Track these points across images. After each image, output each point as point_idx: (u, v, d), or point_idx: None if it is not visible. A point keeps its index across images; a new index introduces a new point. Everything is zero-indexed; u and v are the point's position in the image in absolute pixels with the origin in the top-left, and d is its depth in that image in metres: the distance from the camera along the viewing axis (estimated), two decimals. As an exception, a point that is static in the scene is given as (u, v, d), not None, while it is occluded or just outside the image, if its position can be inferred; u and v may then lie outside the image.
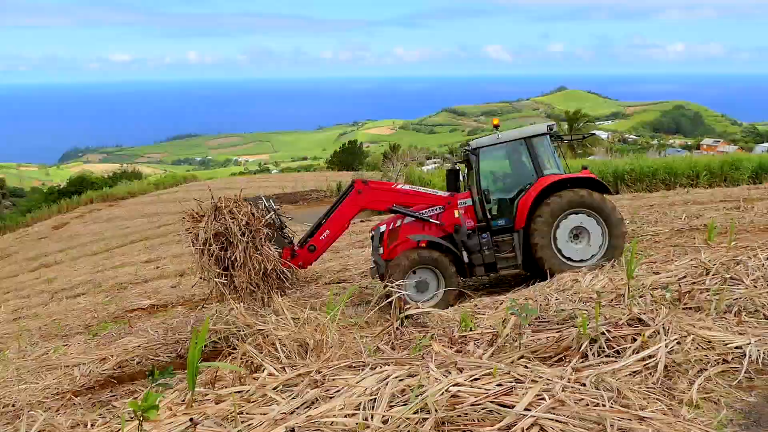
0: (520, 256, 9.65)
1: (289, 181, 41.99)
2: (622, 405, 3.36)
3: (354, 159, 55.39)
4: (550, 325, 5.15)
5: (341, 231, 10.28)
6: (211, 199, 9.19)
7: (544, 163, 9.86)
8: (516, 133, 10.20)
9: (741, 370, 4.10)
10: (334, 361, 4.19)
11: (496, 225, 9.84)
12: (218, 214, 9.10)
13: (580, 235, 9.51)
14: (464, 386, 3.46)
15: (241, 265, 8.84)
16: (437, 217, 9.89)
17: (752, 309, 5.31)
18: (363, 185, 10.13)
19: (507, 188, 10.27)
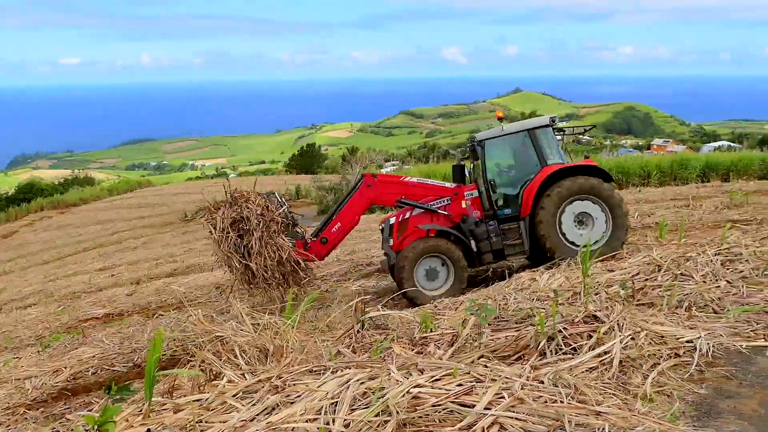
0: (527, 242, 9.97)
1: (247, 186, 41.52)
2: (579, 401, 3.43)
3: (313, 162, 55.15)
4: (509, 324, 5.21)
5: (352, 224, 10.52)
6: (226, 193, 9.72)
7: (547, 153, 10.15)
8: (520, 125, 10.52)
9: (692, 364, 4.22)
10: (295, 366, 4.17)
11: (502, 214, 10.14)
12: (234, 204, 9.59)
13: (584, 221, 9.84)
14: (425, 387, 3.47)
15: (257, 253, 9.23)
16: (445, 208, 10.16)
17: (702, 304, 5.48)
18: (372, 179, 10.42)
19: (512, 178, 10.57)
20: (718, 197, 16.05)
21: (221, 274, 13.80)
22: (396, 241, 10.12)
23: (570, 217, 9.73)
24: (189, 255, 18.75)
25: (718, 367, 4.23)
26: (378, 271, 11.65)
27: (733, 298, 5.65)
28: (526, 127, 10.28)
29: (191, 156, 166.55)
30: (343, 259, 14.15)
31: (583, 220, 9.81)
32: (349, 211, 10.38)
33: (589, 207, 9.74)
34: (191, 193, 39.18)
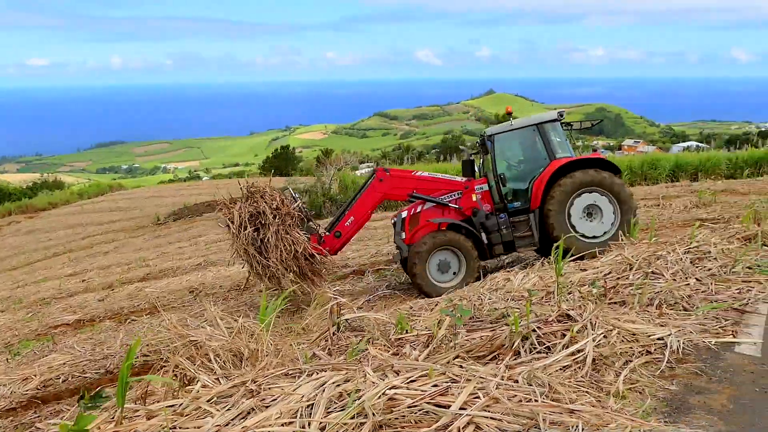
0: (536, 234, 10.22)
1: (221, 188, 41.04)
2: (553, 399, 3.46)
3: (287, 164, 54.88)
4: (484, 324, 5.24)
5: (365, 218, 10.69)
6: (242, 189, 9.96)
7: (555, 147, 10.36)
8: (529, 120, 10.69)
9: (663, 361, 4.29)
10: (270, 370, 4.14)
11: (512, 207, 10.37)
12: (251, 198, 9.80)
13: (593, 213, 10.05)
14: (401, 389, 3.48)
15: (274, 246, 9.41)
16: (456, 202, 10.39)
17: (672, 301, 5.58)
18: (384, 173, 10.60)
19: (522, 172, 10.77)
20: (687, 196, 16.36)
21: (194, 278, 13.69)
22: (408, 235, 10.31)
23: (579, 209, 9.95)
24: (162, 259, 18.52)
25: (688, 363, 4.31)
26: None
27: (702, 296, 5.76)
28: (534, 121, 10.49)
29: (163, 159, 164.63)
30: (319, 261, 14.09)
31: (591, 213, 10.03)
32: (362, 205, 10.56)
33: (598, 199, 9.96)
34: (164, 197, 38.76)
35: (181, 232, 25.66)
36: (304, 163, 57.56)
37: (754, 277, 6.27)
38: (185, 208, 32.21)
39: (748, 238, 7.52)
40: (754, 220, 8.25)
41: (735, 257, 6.67)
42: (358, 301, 9.92)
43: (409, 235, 10.28)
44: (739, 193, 16.31)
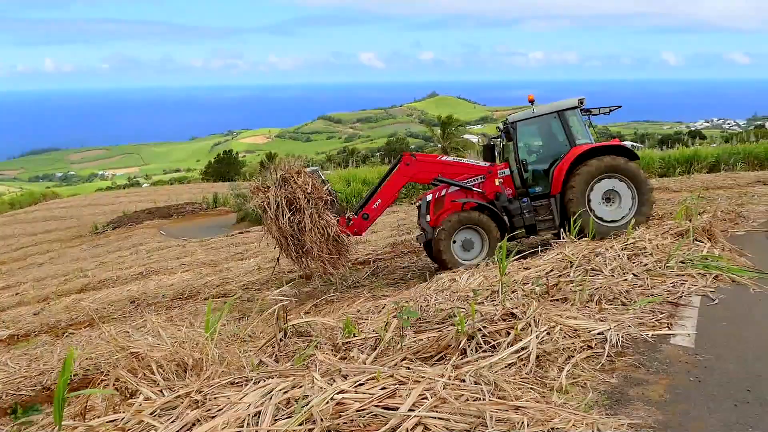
0: (557, 218, 10.52)
1: (161, 195, 40.27)
2: (499, 397, 3.52)
3: (230, 169, 54.05)
4: (431, 325, 5.29)
5: (391, 200, 11.20)
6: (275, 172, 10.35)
7: (576, 133, 10.70)
8: (550, 107, 10.94)
9: (603, 355, 4.42)
10: (216, 379, 4.06)
11: (533, 192, 10.71)
12: (284, 183, 10.08)
13: (612, 198, 10.39)
14: (349, 393, 3.47)
15: (309, 230, 9.79)
16: (479, 186, 10.72)
17: (611, 297, 5.76)
18: (411, 158, 10.92)
19: (543, 158, 11.07)
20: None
21: (136, 288, 13.32)
22: (433, 217, 10.63)
23: (598, 194, 10.30)
24: (101, 269, 17.94)
25: (627, 356, 4.45)
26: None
27: (639, 290, 5.97)
28: (556, 109, 10.80)
29: (101, 166, 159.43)
30: (264, 267, 13.94)
31: (610, 198, 10.40)
32: (389, 188, 10.91)
33: (616, 185, 10.33)
34: (102, 205, 37.60)
35: (121, 240, 24.94)
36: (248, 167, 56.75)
37: (687, 271, 6.54)
38: (125, 216, 31.33)
39: (680, 233, 7.82)
40: (686, 216, 8.59)
41: (669, 252, 6.94)
42: (305, 306, 9.85)
43: (434, 218, 10.62)
44: (671, 190, 16.95)
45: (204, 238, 22.67)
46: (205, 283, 13.37)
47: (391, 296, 8.75)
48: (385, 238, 16.35)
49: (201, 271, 15.15)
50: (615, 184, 10.33)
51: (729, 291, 6.20)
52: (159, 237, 25.18)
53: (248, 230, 24.35)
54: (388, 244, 14.85)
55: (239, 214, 29.81)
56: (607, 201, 10.40)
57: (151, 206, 34.06)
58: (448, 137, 44.52)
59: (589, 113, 11.38)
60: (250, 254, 16.69)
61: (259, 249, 17.70)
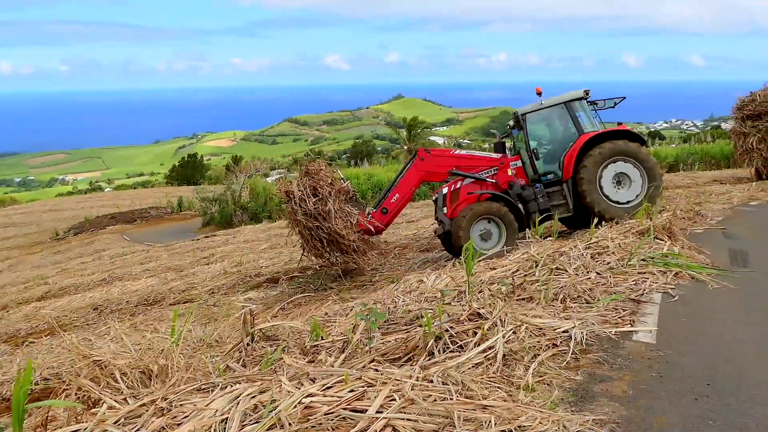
0: (570, 202, 10.92)
1: (124, 199, 39.62)
2: (467, 396, 3.55)
3: (195, 173, 53.38)
4: (399, 326, 5.30)
5: (409, 195, 11.56)
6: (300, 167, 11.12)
7: (583, 122, 11.16)
8: (557, 99, 11.42)
9: (568, 352, 4.49)
10: (182, 386, 4.01)
11: (545, 179, 11.14)
12: (308, 175, 10.62)
13: (622, 181, 10.79)
14: (317, 396, 3.46)
15: (333, 219, 10.25)
16: (492, 177, 11.13)
17: (575, 295, 5.85)
18: (426, 153, 11.46)
19: (553, 146, 11.53)
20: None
21: (99, 295, 13.06)
22: (450, 209, 10.94)
23: (609, 177, 10.69)
24: (62, 276, 17.56)
25: (591, 353, 4.53)
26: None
27: (602, 288, 6.08)
28: (563, 100, 11.28)
29: (61, 170, 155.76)
30: (231, 271, 13.81)
31: (621, 180, 10.79)
32: (406, 183, 11.30)
33: (626, 168, 10.74)
34: (63, 210, 36.79)
35: (83, 246, 24.44)
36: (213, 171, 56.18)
37: (648, 268, 6.68)
38: (87, 222, 30.74)
39: (641, 232, 7.98)
40: (647, 215, 8.77)
41: (630, 251, 7.08)
42: (273, 310, 9.79)
43: (451, 209, 10.92)
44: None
45: (169, 243, 22.37)
46: (171, 288, 13.20)
47: (359, 298, 8.75)
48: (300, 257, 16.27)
49: (166, 276, 14.94)
50: (624, 167, 10.78)
51: (688, 288, 6.36)
52: (122, 242, 24.76)
53: (214, 234, 24.11)
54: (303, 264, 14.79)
55: (205, 218, 29.49)
56: (618, 184, 10.82)
57: (114, 211, 33.47)
58: (414, 139, 44.71)
59: (594, 105, 11.83)
60: (216, 258, 16.51)
61: (225, 253, 17.54)
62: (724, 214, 11.24)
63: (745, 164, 18.10)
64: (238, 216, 27.85)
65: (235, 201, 28.62)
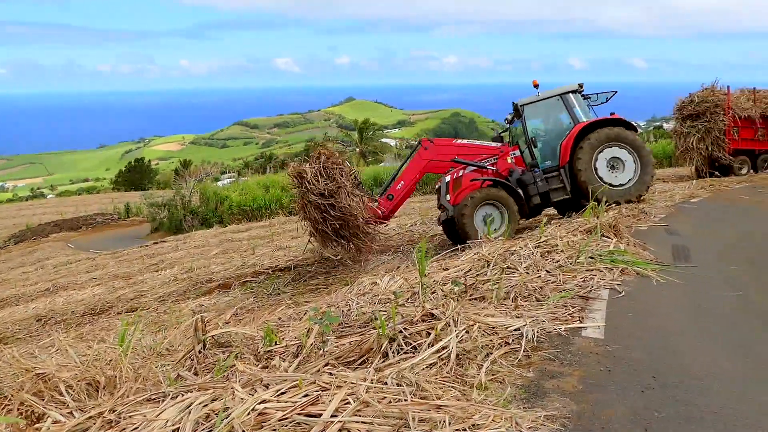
0: (568, 185, 11.53)
1: (69, 206, 38.47)
2: (421, 397, 3.56)
3: (142, 178, 52.25)
4: (353, 329, 5.29)
5: (414, 182, 12.06)
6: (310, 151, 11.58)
7: (578, 113, 11.80)
8: (553, 91, 12.13)
9: (520, 350, 4.56)
10: (131, 397, 3.91)
11: (543, 166, 11.75)
12: (319, 159, 10.84)
13: (616, 166, 11.49)
14: (271, 402, 3.42)
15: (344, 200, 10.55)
16: (493, 165, 11.67)
17: (526, 293, 5.95)
18: (429, 143, 12.05)
19: (550, 135, 12.21)
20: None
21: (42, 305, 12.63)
22: (453, 196, 11.41)
23: (603, 162, 11.37)
24: (3, 287, 16.93)
25: (542, 350, 4.61)
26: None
27: (552, 286, 6.20)
28: (558, 92, 11.94)
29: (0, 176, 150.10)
30: (181, 277, 13.55)
31: (615, 165, 11.48)
32: (410, 171, 11.83)
33: (619, 152, 11.45)
34: (2, 218, 35.45)
35: (25, 255, 23.60)
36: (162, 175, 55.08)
37: (596, 265, 6.86)
38: (28, 230, 29.72)
39: (589, 230, 8.18)
40: (594, 214, 8.99)
41: (579, 249, 7.24)
42: (225, 316, 9.63)
43: (454, 196, 11.38)
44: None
45: (116, 250, 21.82)
46: (119, 296, 12.87)
47: (312, 302, 8.70)
48: (306, 243, 16.24)
49: (113, 284, 14.56)
50: (618, 152, 11.46)
51: (634, 283, 6.54)
52: (67, 250, 24.03)
53: (163, 240, 23.64)
54: (308, 249, 14.76)
55: (153, 224, 28.89)
56: (612, 168, 11.48)
57: (58, 218, 32.47)
58: (365, 141, 44.81)
59: (588, 99, 12.39)
60: (166, 265, 16.19)
61: (175, 259, 17.21)
62: (666, 211, 11.60)
63: (687, 163, 18.80)
64: (188, 221, 27.39)
65: (184, 206, 28.14)
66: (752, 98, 19.17)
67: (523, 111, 11.86)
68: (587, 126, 11.48)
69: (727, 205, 13.27)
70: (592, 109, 12.23)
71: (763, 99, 19.25)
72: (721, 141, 18.46)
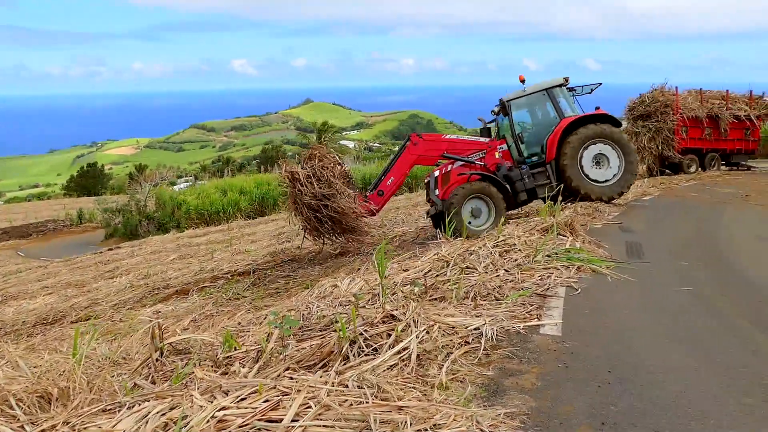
0: (554, 181, 11.75)
1: (17, 213, 37.34)
2: (382, 399, 3.57)
3: (95, 183, 51.03)
4: (314, 332, 5.26)
5: (403, 178, 12.34)
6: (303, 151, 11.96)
7: (564, 107, 12.01)
8: (539, 86, 12.32)
9: (480, 349, 4.60)
10: (85, 408, 3.81)
11: (530, 162, 11.96)
12: (313, 159, 11.15)
13: (600, 162, 11.72)
14: (230, 409, 3.38)
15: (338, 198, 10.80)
16: (481, 160, 11.87)
17: (485, 293, 6.01)
18: (418, 138, 12.18)
19: (536, 130, 12.39)
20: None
21: None
22: (441, 190, 11.66)
23: (589, 158, 11.59)
24: (-52, 297, 16.25)
25: (502, 349, 4.67)
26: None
27: (510, 285, 6.29)
28: (544, 87, 12.11)
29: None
30: (137, 284, 13.27)
31: (599, 161, 11.72)
32: (400, 167, 12.01)
33: (604, 149, 11.67)
34: (-53, 226, 34.10)
35: (-28, 265, 22.73)
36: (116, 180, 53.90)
37: (553, 264, 6.98)
38: (-25, 238, 28.68)
39: (545, 229, 8.33)
40: (550, 213, 9.15)
41: (536, 247, 7.37)
42: (183, 322, 9.48)
43: (443, 191, 11.62)
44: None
45: (69, 257, 21.26)
46: (72, 305, 12.53)
47: (272, 306, 8.62)
48: (265, 247, 16.12)
49: (66, 292, 14.17)
50: (603, 148, 11.70)
51: (590, 280, 6.69)
52: (17, 258, 23.31)
53: (118, 246, 23.13)
54: (268, 253, 14.64)
55: (108, 230, 28.27)
56: (597, 164, 11.73)
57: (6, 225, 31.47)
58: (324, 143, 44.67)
59: (573, 92, 12.61)
60: (122, 272, 15.84)
61: (131, 265, 16.85)
62: (619, 209, 11.87)
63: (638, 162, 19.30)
64: (143, 226, 26.87)
65: (140, 211, 27.61)
66: (699, 99, 19.82)
67: (509, 107, 12.03)
68: (573, 122, 11.72)
69: (678, 202, 13.67)
70: (577, 102, 12.53)
71: (709, 99, 19.93)
72: (670, 140, 19.04)
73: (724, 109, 19.61)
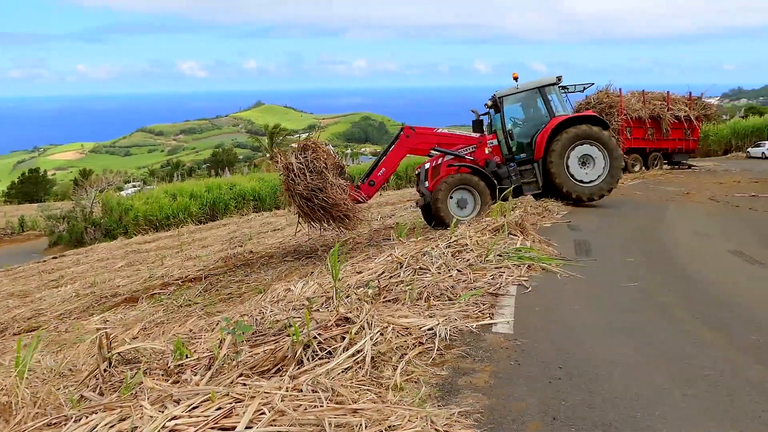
0: (540, 180, 12.14)
1: (-45, 222, 35.68)
2: (337, 402, 3.55)
3: (38, 189, 49.37)
4: (267, 337, 5.20)
5: (394, 169, 12.59)
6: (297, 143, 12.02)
7: (555, 106, 12.25)
8: (531, 84, 12.62)
9: (433, 349, 4.64)
10: (29, 423, 3.68)
11: (518, 158, 12.31)
12: (305, 151, 11.38)
13: (586, 162, 11.98)
14: (182, 418, 3.31)
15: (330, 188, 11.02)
16: (471, 155, 12.17)
17: (438, 293, 6.06)
18: (411, 131, 12.36)
19: (527, 128, 12.97)
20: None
21: None
22: (431, 183, 11.96)
23: (575, 158, 11.86)
24: None
25: (455, 348, 4.71)
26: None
27: (463, 285, 6.35)
28: (536, 85, 12.33)
29: None
30: (83, 293, 12.89)
31: (585, 162, 11.98)
32: (392, 158, 12.24)
33: (590, 150, 11.91)
34: None
35: None
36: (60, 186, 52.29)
37: (504, 263, 7.09)
38: None
39: (497, 229, 8.45)
40: (501, 213, 9.29)
41: (488, 247, 7.47)
42: (133, 331, 9.25)
43: (432, 183, 11.93)
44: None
45: (10, 267, 20.46)
46: (14, 316, 12.08)
47: (225, 312, 8.50)
48: (217, 252, 15.88)
49: (8, 303, 13.65)
50: (589, 149, 11.98)
51: (540, 278, 6.82)
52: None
53: (63, 254, 22.43)
54: (220, 258, 14.42)
55: (52, 237, 27.42)
56: (583, 164, 12.02)
57: (-57, 235, 30.13)
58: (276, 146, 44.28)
59: (565, 90, 12.91)
60: (67, 280, 15.36)
61: (77, 273, 16.36)
62: (568, 208, 12.14)
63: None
64: (90, 233, 26.13)
65: (86, 217, 26.85)
66: (642, 100, 20.46)
67: (501, 103, 12.28)
68: (563, 122, 11.98)
69: (623, 200, 14.06)
70: (568, 100, 12.89)
71: (651, 100, 20.60)
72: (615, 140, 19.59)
73: (665, 109, 20.31)
